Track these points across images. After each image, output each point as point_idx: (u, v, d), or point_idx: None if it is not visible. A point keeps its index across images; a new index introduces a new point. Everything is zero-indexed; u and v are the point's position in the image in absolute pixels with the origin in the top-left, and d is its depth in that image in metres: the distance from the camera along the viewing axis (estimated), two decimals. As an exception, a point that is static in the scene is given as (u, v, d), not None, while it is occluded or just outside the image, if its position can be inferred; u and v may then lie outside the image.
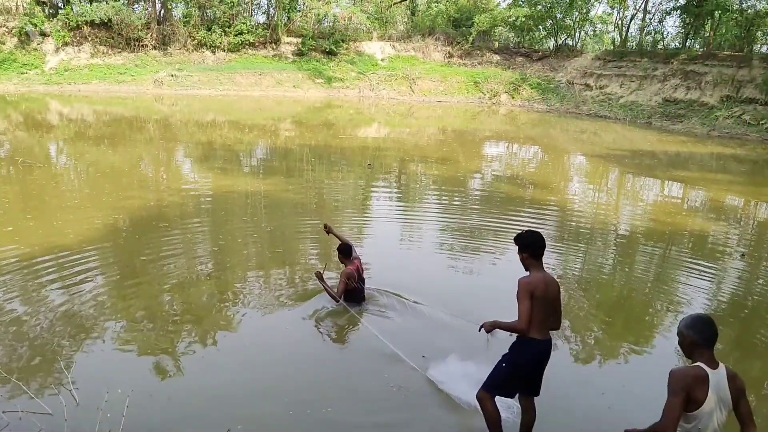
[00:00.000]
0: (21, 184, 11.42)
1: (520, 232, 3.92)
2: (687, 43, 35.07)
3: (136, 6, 35.41)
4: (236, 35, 34.68)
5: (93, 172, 13.16)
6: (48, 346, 5.10)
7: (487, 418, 3.84)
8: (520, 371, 3.78)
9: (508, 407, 4.21)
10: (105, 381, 4.47)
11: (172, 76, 32.12)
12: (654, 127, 27.89)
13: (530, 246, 3.78)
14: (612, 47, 38.87)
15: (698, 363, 2.79)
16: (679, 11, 34.67)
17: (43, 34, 31.62)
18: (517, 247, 3.85)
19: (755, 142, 24.13)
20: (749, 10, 31.12)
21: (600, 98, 32.84)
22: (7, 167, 12.88)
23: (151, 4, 34.97)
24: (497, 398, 3.93)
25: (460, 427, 4.28)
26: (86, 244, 7.67)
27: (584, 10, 38.17)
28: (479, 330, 3.94)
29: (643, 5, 36.36)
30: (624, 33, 38.38)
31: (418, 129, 24.95)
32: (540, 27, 39.44)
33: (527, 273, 3.78)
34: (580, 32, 40.23)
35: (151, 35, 33.62)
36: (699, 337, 2.80)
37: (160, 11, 35.19)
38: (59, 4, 34.12)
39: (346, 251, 6.02)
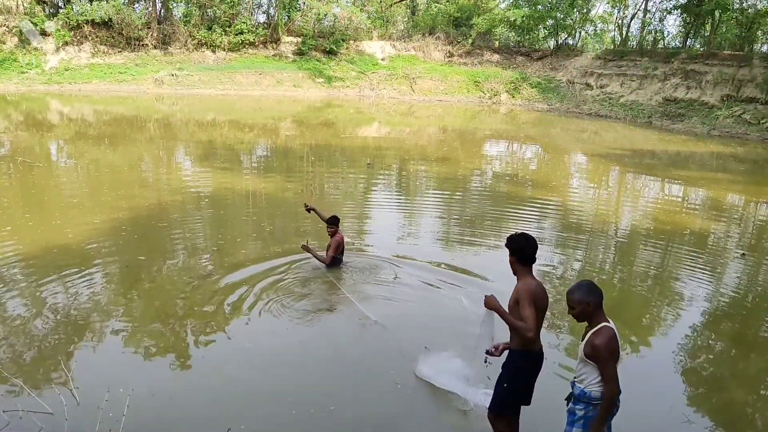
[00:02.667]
0: (20, 183, 11.42)
1: (513, 233, 3.75)
2: (687, 43, 35.07)
3: (137, 5, 35.43)
4: (237, 35, 34.67)
5: (93, 172, 13.16)
6: (48, 346, 5.11)
7: None
8: (527, 385, 3.67)
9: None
10: (105, 380, 4.47)
11: (173, 75, 32.12)
12: (654, 127, 27.88)
13: (519, 250, 3.59)
14: (612, 46, 38.86)
15: (603, 323, 3.15)
16: (679, 10, 34.68)
17: (44, 34, 31.61)
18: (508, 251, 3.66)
19: (755, 141, 24.12)
20: (750, 10, 31.13)
21: (600, 97, 32.84)
22: (6, 166, 12.87)
23: (151, 3, 34.96)
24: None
25: (464, 424, 4.28)
26: (85, 244, 7.67)
27: (585, 10, 38.16)
28: (484, 302, 3.66)
29: (643, 4, 36.43)
30: (624, 32, 38.40)
31: (419, 128, 24.95)
32: (540, 26, 39.42)
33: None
34: (580, 32, 40.22)
35: (152, 35, 33.62)
36: (599, 299, 3.16)
37: (160, 11, 35.19)
38: (59, 4, 34.13)
39: (336, 221, 6.88)
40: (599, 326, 3.14)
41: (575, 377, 3.36)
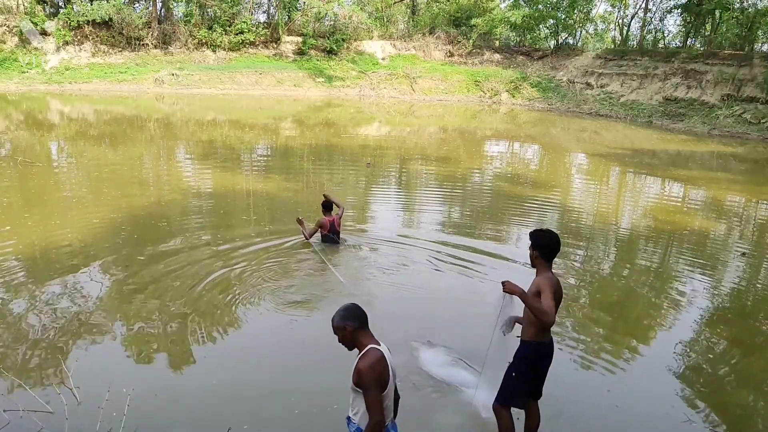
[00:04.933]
0: (20, 182, 11.41)
1: (538, 228, 3.82)
2: (688, 42, 35.05)
3: (137, 5, 35.42)
4: (237, 34, 34.67)
5: (92, 171, 13.13)
6: (49, 345, 5.10)
7: (503, 429, 3.78)
8: (536, 377, 3.75)
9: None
10: (106, 380, 4.46)
11: (173, 75, 32.12)
12: (655, 126, 27.86)
13: (544, 246, 3.67)
14: (613, 46, 38.84)
15: (370, 345, 2.89)
16: (679, 10, 34.66)
17: (44, 34, 31.60)
18: (530, 243, 3.74)
19: (756, 140, 24.10)
20: (750, 9, 31.11)
21: (601, 97, 32.81)
22: (6, 166, 12.87)
23: (152, 3, 34.94)
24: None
25: (465, 423, 4.27)
26: (85, 243, 7.67)
27: (585, 10, 38.14)
28: (503, 286, 3.62)
29: (643, 4, 36.37)
30: (625, 32, 38.38)
31: (419, 128, 24.93)
32: (541, 26, 39.40)
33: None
34: (581, 31, 40.20)
35: (152, 34, 33.61)
36: (357, 322, 2.93)
37: (160, 10, 35.19)
38: (60, 4, 34.12)
39: (327, 206, 7.67)
40: (366, 349, 2.90)
41: (351, 411, 3.06)
